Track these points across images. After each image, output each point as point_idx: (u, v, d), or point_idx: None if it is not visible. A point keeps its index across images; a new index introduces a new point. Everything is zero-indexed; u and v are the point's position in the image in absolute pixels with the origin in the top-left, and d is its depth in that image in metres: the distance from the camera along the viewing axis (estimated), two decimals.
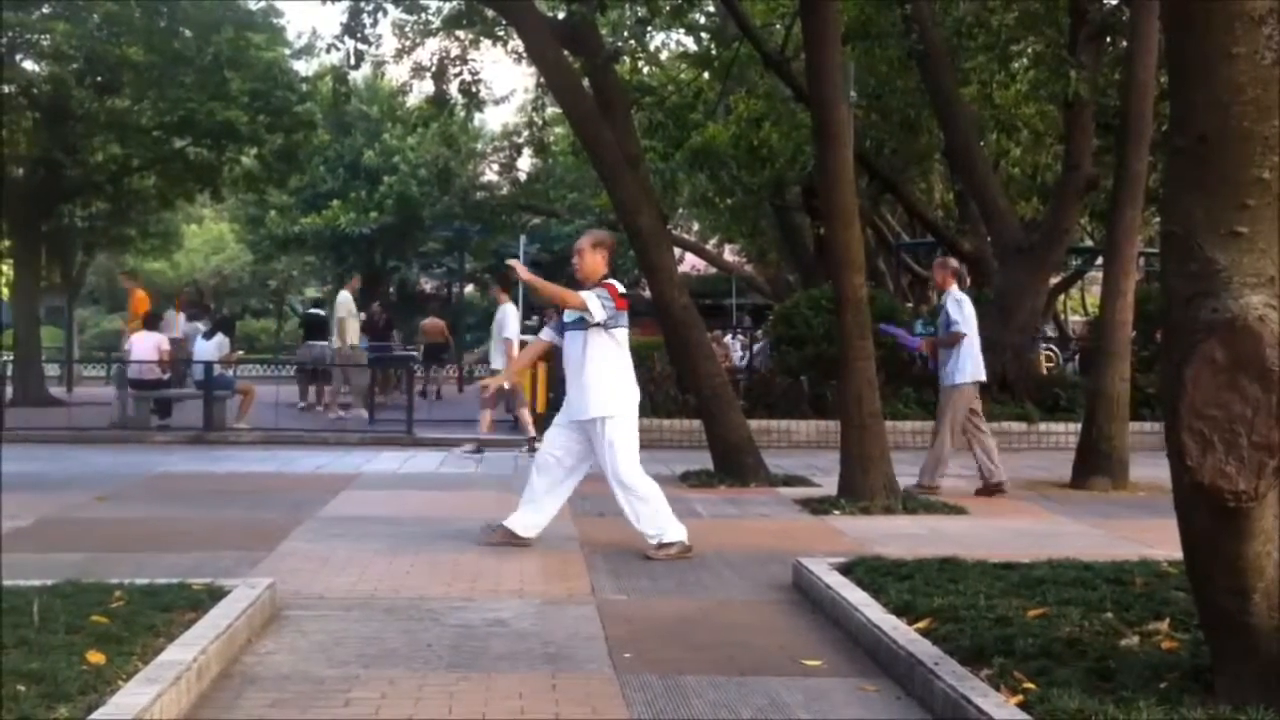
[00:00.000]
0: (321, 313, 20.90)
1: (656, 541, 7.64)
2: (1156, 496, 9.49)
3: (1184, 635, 4.80)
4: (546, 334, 8.32)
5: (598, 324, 7.52)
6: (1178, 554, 4.42)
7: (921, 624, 5.22)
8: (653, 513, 7.67)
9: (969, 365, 10.74)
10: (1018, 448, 15.36)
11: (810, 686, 4.87)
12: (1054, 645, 4.72)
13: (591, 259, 7.69)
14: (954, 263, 11.98)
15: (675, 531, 7.69)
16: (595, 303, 7.48)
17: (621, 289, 7.71)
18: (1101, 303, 11.96)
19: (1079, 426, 12.09)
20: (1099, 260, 17.33)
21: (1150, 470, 10.47)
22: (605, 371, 7.59)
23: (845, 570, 6.42)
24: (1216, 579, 4.04)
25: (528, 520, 7.88)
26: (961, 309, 10.78)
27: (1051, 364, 19.52)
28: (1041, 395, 16.36)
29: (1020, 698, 4.14)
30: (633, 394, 7.70)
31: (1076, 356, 20.44)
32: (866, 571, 6.33)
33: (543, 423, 11.68)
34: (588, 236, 7.96)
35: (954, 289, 10.97)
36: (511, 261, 8.40)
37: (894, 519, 9.27)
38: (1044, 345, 19.42)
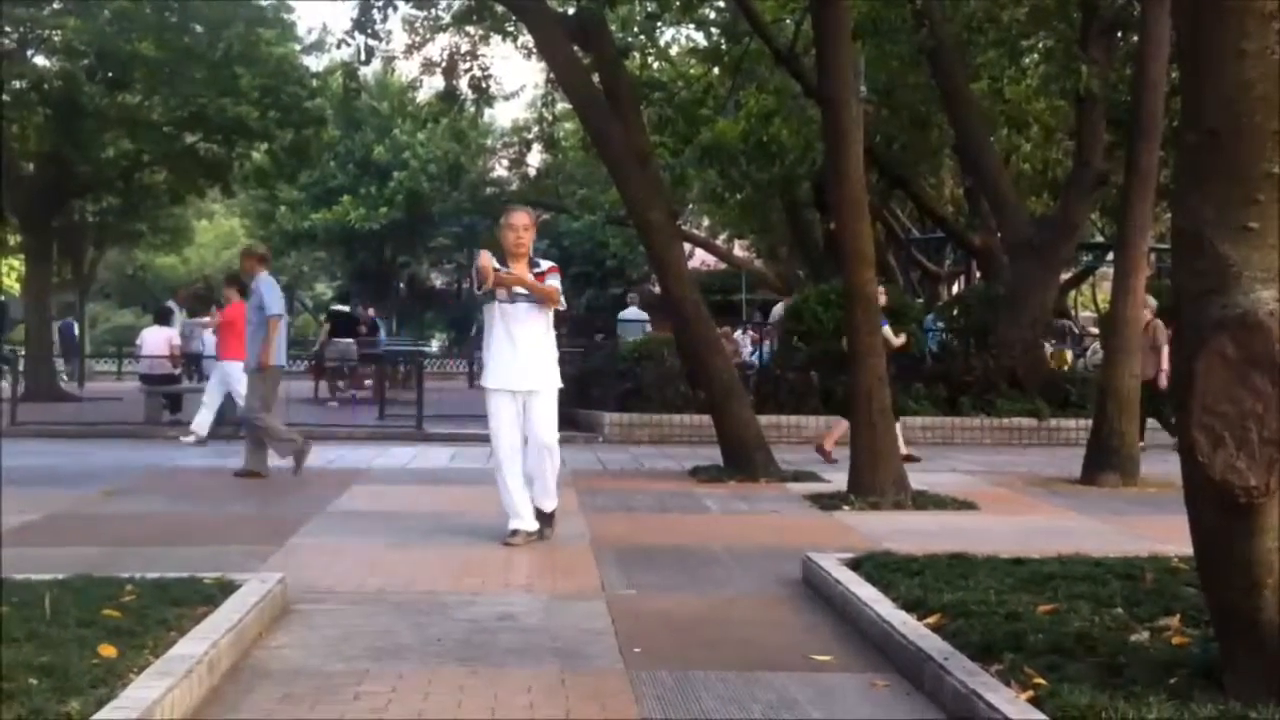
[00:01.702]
0: (347, 309, 21.17)
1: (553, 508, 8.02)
2: (1167, 492, 9.46)
3: (1194, 631, 4.79)
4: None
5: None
6: (1188, 550, 4.41)
7: (931, 619, 5.21)
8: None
9: (285, 347, 11.23)
10: (1028, 443, 15.36)
11: (820, 682, 4.87)
12: (1064, 641, 4.71)
13: (532, 235, 7.98)
14: (260, 248, 12.65)
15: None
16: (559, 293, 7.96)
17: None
18: (1112, 299, 11.93)
19: (1089, 422, 12.06)
20: (1110, 256, 17.32)
21: (1161, 466, 10.45)
22: (553, 347, 7.99)
23: (855, 566, 6.41)
24: (1227, 575, 4.03)
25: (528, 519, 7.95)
26: (275, 293, 11.16)
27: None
28: (1052, 391, 16.33)
29: (1030, 693, 4.14)
30: None
31: (1087, 352, 20.40)
32: (876, 567, 6.32)
33: None
34: (528, 213, 8.16)
35: (263, 274, 11.28)
36: (483, 260, 7.70)
37: (904, 514, 9.26)
38: (1053, 342, 19.36)
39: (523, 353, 7.71)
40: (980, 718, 4.07)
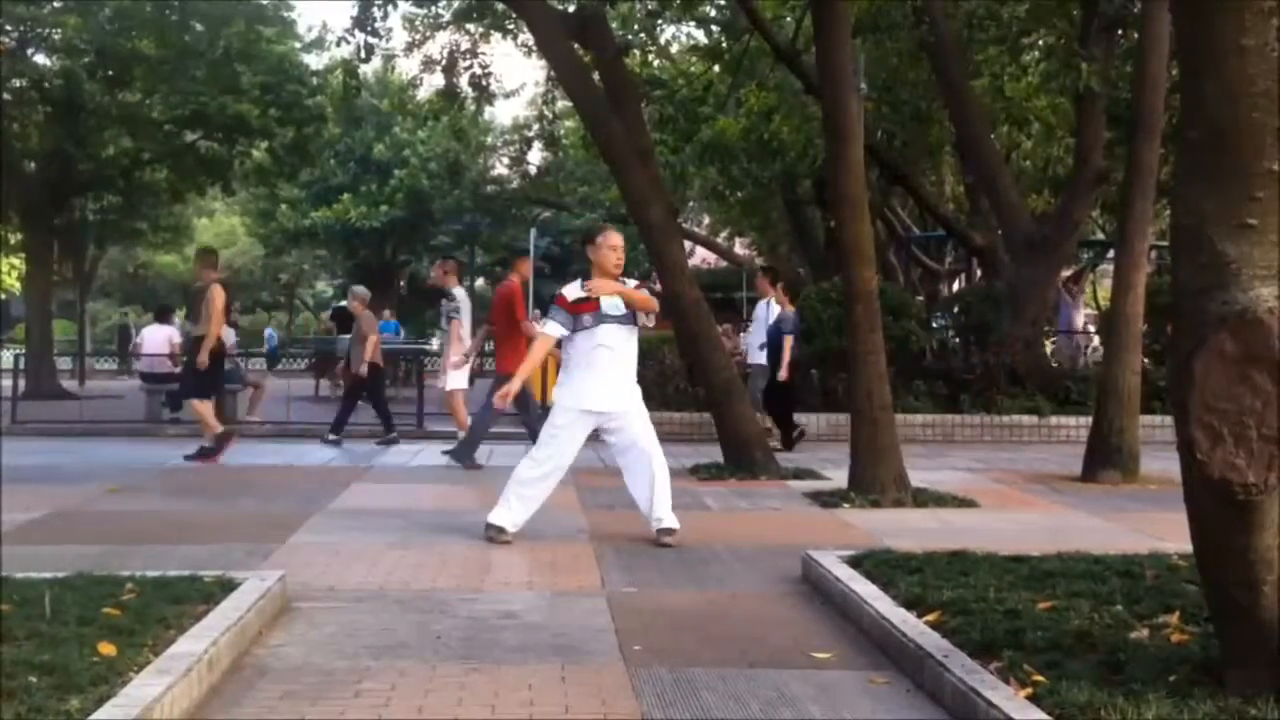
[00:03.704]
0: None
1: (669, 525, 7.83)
2: (1167, 490, 9.46)
3: (1194, 628, 4.79)
4: (556, 329, 7.70)
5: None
6: (1188, 547, 4.41)
7: (931, 617, 5.21)
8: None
9: None
10: (1028, 441, 15.36)
11: (820, 679, 4.87)
12: (1064, 638, 4.71)
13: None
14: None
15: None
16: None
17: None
18: (1112, 296, 11.93)
19: (1090, 420, 12.06)
20: (1110, 253, 17.31)
21: (1161, 463, 10.44)
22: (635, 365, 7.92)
23: (855, 563, 6.42)
24: (1227, 572, 4.04)
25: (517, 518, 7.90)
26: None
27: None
28: (1052, 388, 16.34)
29: (1030, 690, 4.14)
30: None
31: (1087, 349, 20.40)
32: (876, 564, 6.33)
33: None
34: (617, 233, 7.98)
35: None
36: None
37: (904, 512, 9.27)
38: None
39: (614, 372, 7.64)
40: (980, 715, 4.08)
